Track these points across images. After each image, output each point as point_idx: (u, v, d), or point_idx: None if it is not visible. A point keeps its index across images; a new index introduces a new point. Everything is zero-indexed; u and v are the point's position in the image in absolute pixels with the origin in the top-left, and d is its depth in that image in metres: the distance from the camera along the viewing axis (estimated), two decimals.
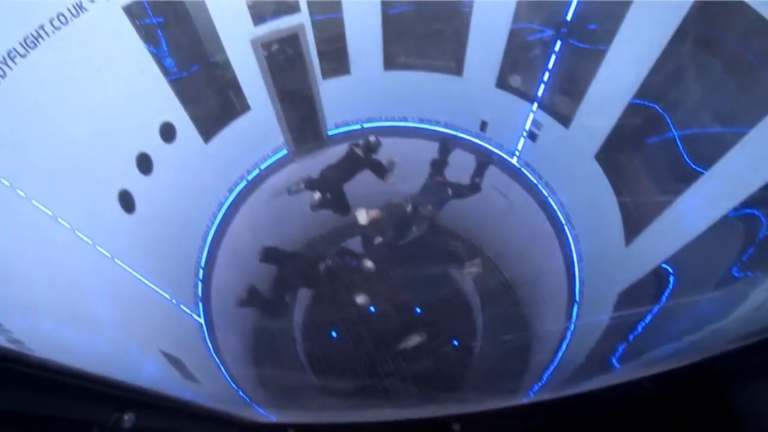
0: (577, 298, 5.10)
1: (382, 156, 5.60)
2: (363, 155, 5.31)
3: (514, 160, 5.80)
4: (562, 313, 5.31)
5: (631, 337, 3.76)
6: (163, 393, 1.40)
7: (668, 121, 3.81)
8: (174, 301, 4.41)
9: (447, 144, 5.49)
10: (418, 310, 7.33)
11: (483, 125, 5.87)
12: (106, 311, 3.24)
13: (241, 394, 4.61)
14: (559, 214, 5.38)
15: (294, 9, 4.85)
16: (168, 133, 4.39)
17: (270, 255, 5.28)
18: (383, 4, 5.03)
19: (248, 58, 4.86)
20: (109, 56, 3.57)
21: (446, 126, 6.17)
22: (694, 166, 3.51)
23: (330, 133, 6.20)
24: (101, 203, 3.65)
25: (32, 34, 2.89)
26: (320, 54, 5.35)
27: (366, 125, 6.21)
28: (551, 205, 5.47)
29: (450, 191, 5.34)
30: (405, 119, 6.24)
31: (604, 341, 4.23)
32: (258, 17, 4.68)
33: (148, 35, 3.96)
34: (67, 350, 2.00)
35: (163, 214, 4.41)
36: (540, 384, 5.00)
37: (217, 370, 4.69)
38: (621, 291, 4.30)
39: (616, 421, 1.38)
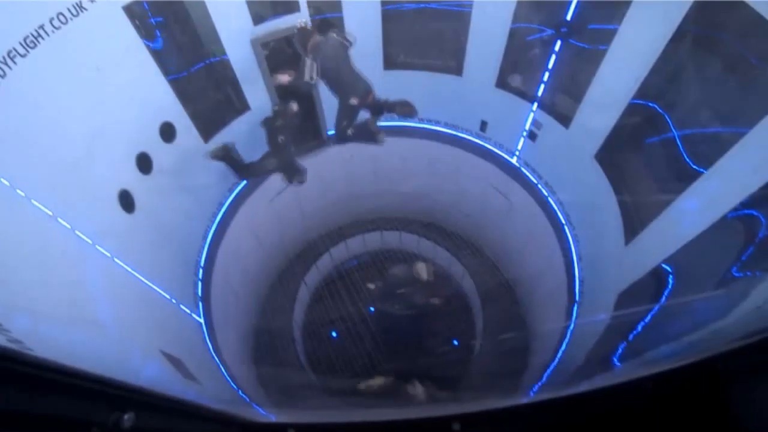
0: (577, 297, 5.11)
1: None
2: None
3: (514, 160, 5.80)
4: (562, 312, 5.31)
5: (630, 337, 3.76)
6: (163, 393, 1.40)
7: (668, 120, 3.81)
8: (174, 300, 4.41)
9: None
10: None
11: (483, 125, 5.87)
12: (105, 311, 3.24)
13: (241, 394, 4.61)
14: (559, 214, 5.38)
15: (294, 9, 4.85)
16: (168, 133, 4.39)
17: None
18: (383, 3, 5.03)
19: (248, 58, 4.86)
20: (109, 56, 3.57)
21: (446, 126, 6.17)
22: (694, 166, 3.51)
23: (330, 133, 6.19)
24: (101, 203, 3.65)
25: (32, 34, 2.89)
26: None
27: None
28: (551, 205, 5.47)
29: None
30: (405, 119, 6.24)
31: (604, 341, 4.23)
32: (258, 17, 4.68)
33: (148, 35, 3.96)
34: (66, 350, 2.00)
35: (163, 214, 4.41)
36: (540, 384, 5.00)
37: (217, 370, 4.69)
38: (621, 291, 4.30)
39: (616, 421, 1.38)
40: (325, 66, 4.35)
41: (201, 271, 5.16)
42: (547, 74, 4.74)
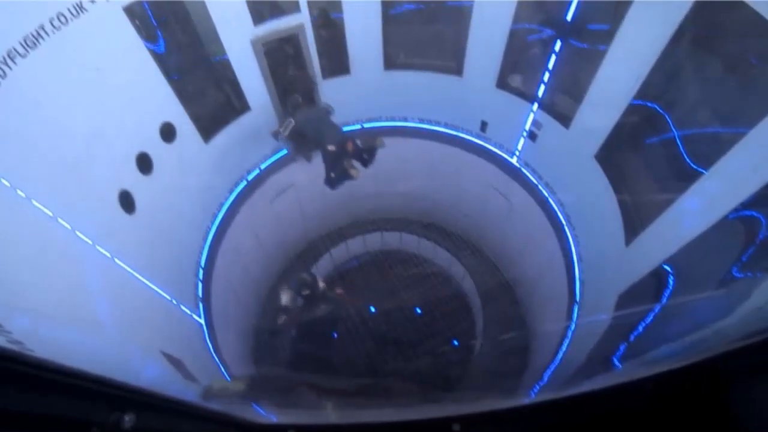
0: (578, 298, 5.11)
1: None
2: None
3: (514, 160, 5.80)
4: (562, 313, 5.31)
5: (631, 338, 3.76)
6: (164, 393, 1.40)
7: (668, 120, 3.81)
8: (174, 301, 4.41)
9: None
10: (419, 310, 7.34)
11: (483, 125, 5.87)
12: (106, 311, 3.24)
13: None
14: (559, 214, 5.38)
15: (294, 9, 4.85)
16: (168, 133, 4.39)
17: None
18: (383, 4, 5.03)
19: (248, 58, 4.86)
20: (109, 56, 3.57)
21: (446, 126, 6.17)
22: (694, 166, 3.51)
23: None
24: (101, 203, 3.65)
25: (32, 34, 2.89)
26: (320, 54, 5.36)
27: (366, 125, 6.21)
28: (551, 205, 5.47)
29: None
30: (405, 119, 6.25)
31: (605, 341, 4.23)
32: (258, 17, 4.68)
33: (148, 35, 3.96)
34: (67, 351, 2.00)
35: (163, 215, 4.41)
36: (540, 384, 5.00)
37: (217, 371, 4.69)
38: (621, 291, 4.30)
39: (617, 421, 1.38)
40: (309, 120, 5.15)
41: (201, 271, 5.16)
42: (547, 74, 4.74)
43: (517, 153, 5.70)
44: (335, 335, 6.97)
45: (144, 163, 4.12)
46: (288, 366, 5.96)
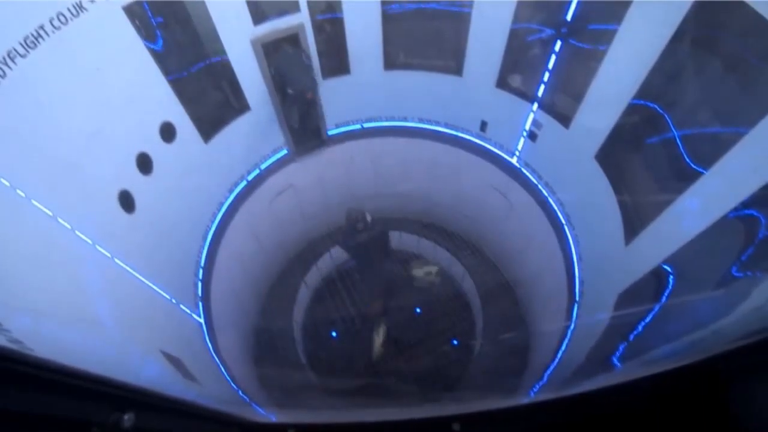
0: (577, 297, 5.11)
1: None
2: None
3: (514, 160, 5.80)
4: (562, 312, 5.31)
5: (631, 337, 3.76)
6: (163, 393, 1.40)
7: (668, 121, 3.81)
8: (174, 301, 4.41)
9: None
10: (419, 310, 7.34)
11: (483, 125, 5.87)
12: (106, 311, 3.24)
13: (241, 394, 4.61)
14: (559, 214, 5.38)
15: (294, 9, 4.85)
16: (168, 133, 4.39)
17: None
18: (383, 4, 5.03)
19: (248, 58, 4.86)
20: (109, 56, 3.57)
21: (446, 126, 6.17)
22: (694, 166, 3.51)
23: (330, 133, 6.20)
24: (101, 203, 3.65)
25: (32, 34, 2.89)
26: (320, 54, 5.36)
27: (366, 125, 6.21)
28: (551, 205, 5.47)
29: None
30: (405, 119, 6.24)
31: (604, 341, 4.23)
32: (258, 17, 4.68)
33: (148, 35, 3.96)
34: (67, 350, 2.00)
35: (163, 214, 4.41)
36: (540, 384, 5.00)
37: (217, 370, 4.69)
38: (621, 291, 4.30)
39: (616, 421, 1.38)
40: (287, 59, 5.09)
41: (201, 271, 5.16)
42: (547, 74, 4.74)
43: (517, 153, 5.70)
44: (335, 334, 7.00)
45: (144, 163, 4.12)
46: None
